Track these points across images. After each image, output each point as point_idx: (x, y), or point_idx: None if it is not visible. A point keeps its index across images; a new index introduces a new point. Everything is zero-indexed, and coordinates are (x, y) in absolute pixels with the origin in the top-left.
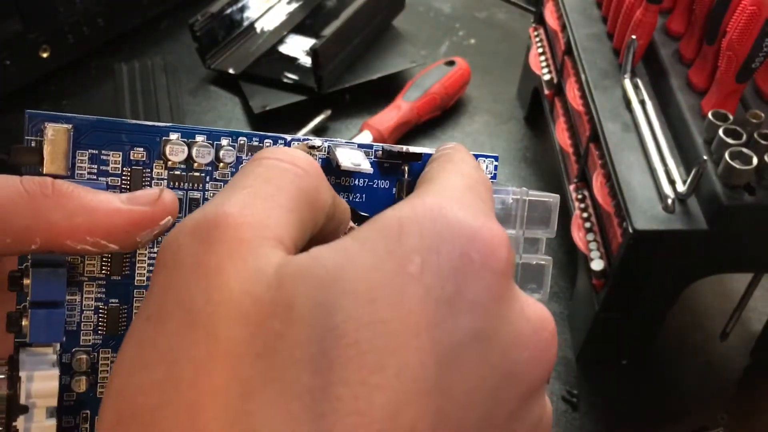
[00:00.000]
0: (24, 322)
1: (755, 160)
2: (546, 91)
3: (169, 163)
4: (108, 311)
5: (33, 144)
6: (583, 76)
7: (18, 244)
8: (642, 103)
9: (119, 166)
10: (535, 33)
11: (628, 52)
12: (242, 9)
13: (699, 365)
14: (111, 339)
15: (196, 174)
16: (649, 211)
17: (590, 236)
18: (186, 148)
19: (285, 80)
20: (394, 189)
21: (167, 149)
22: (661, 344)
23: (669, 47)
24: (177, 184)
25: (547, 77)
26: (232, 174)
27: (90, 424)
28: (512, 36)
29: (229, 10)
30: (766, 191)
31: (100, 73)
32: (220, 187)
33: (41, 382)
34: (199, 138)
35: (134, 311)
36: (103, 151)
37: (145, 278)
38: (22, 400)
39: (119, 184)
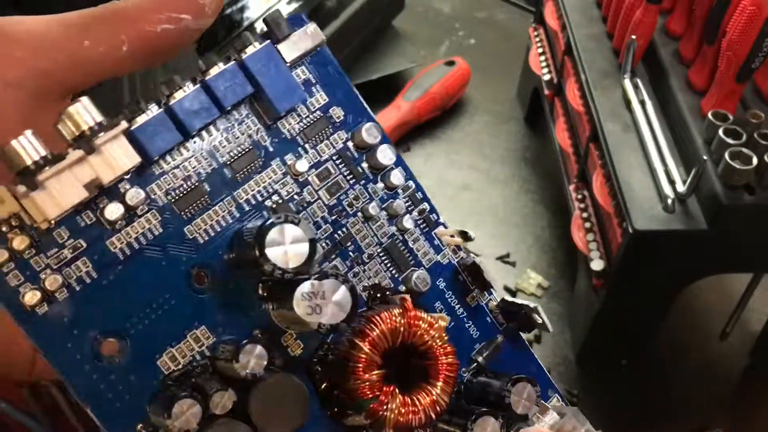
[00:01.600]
0: None
1: (755, 160)
2: (546, 91)
3: None
4: None
5: None
6: (583, 76)
7: (110, 50)
8: (642, 103)
9: None
10: (535, 33)
11: (627, 52)
12: (242, 9)
13: (699, 365)
14: None
15: None
16: (649, 211)
17: (590, 236)
18: None
19: None
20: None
21: None
22: (661, 344)
23: (669, 47)
24: None
25: (547, 77)
26: None
27: None
28: (512, 36)
29: (229, 10)
30: (765, 191)
31: None
32: None
33: None
34: None
35: None
36: None
37: None
38: None
39: None
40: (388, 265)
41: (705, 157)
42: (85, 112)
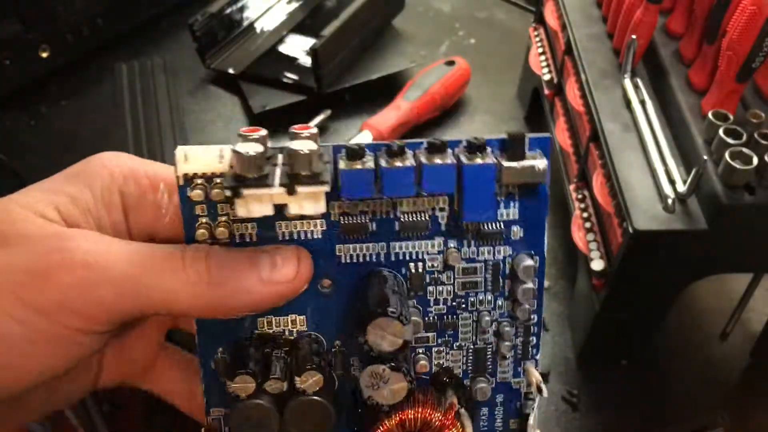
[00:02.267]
0: None
1: (755, 160)
2: (546, 91)
3: None
4: None
5: None
6: (583, 76)
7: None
8: (642, 103)
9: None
10: (535, 33)
11: (628, 51)
12: (242, 9)
13: (699, 365)
14: None
15: None
16: (649, 211)
17: (590, 236)
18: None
19: (285, 80)
20: None
21: None
22: (661, 344)
23: (669, 47)
24: None
25: (547, 77)
26: None
27: None
28: (512, 36)
29: (228, 10)
30: (766, 191)
31: (99, 73)
32: None
33: None
34: None
35: None
36: None
37: None
38: None
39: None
40: (469, 361)
41: (705, 157)
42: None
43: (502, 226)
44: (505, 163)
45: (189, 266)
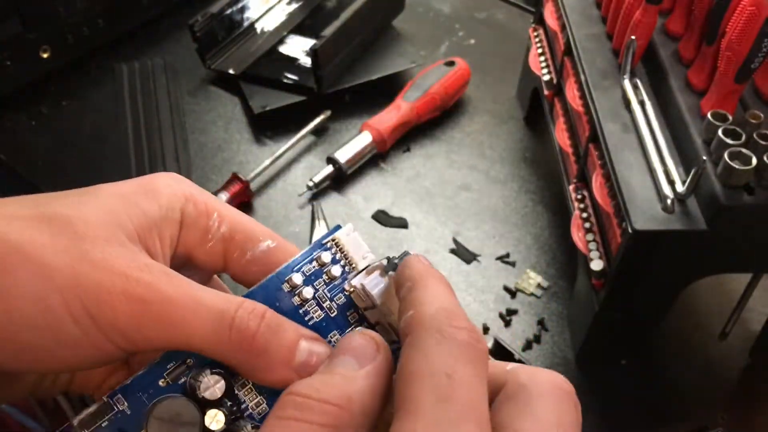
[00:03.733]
0: None
1: (754, 161)
2: (545, 92)
3: None
4: None
5: None
6: (582, 77)
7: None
8: (641, 103)
9: None
10: (535, 33)
11: (627, 52)
12: (242, 9)
13: (698, 365)
14: None
15: None
16: (649, 212)
17: (590, 236)
18: None
19: (285, 80)
20: None
21: None
22: (661, 344)
23: (668, 48)
24: None
25: (546, 77)
26: None
27: None
28: (512, 36)
29: (229, 11)
30: (765, 191)
31: (100, 73)
32: None
33: None
34: None
35: None
36: None
37: None
38: None
39: None
40: None
41: (704, 158)
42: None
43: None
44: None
45: (236, 330)
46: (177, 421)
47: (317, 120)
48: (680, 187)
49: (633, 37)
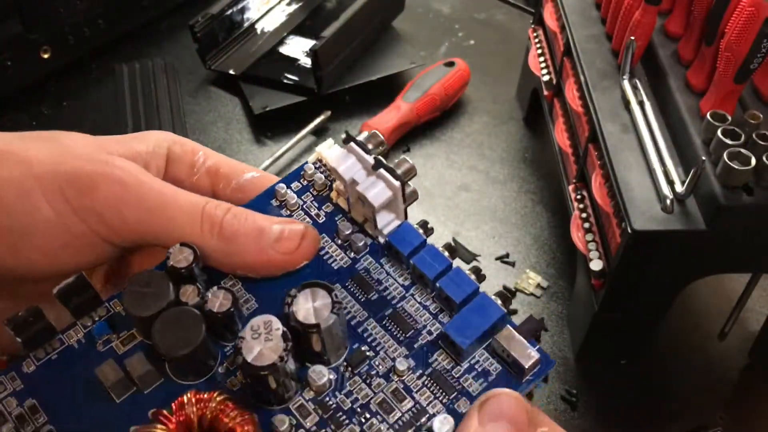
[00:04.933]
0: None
1: (753, 161)
2: (545, 92)
3: None
4: None
5: None
6: (582, 77)
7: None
8: (641, 103)
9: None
10: (534, 34)
11: (626, 53)
12: (242, 10)
13: (698, 365)
14: None
15: None
16: (648, 212)
17: (589, 236)
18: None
19: (285, 81)
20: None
21: None
22: (660, 344)
23: (668, 48)
24: None
25: (546, 78)
26: None
27: None
28: (511, 37)
29: (229, 11)
30: (764, 191)
31: (100, 74)
32: None
33: None
34: None
35: None
36: None
37: None
38: None
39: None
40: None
41: (704, 158)
42: None
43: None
44: (504, 333)
45: (206, 217)
46: (147, 288)
47: (317, 120)
48: (679, 188)
49: (632, 38)
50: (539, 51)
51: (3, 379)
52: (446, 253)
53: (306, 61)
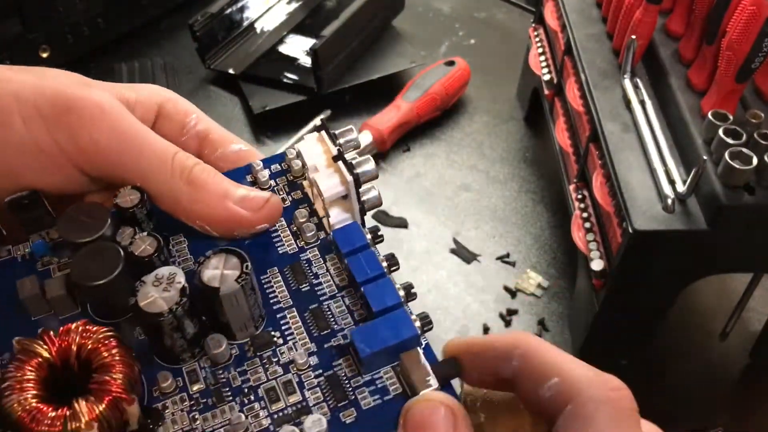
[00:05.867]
0: None
1: (755, 160)
2: (546, 91)
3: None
4: None
5: None
6: (582, 76)
7: (153, 199)
8: (642, 103)
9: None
10: (535, 33)
11: (627, 52)
12: (242, 9)
13: (699, 365)
14: None
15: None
16: (649, 211)
17: (590, 236)
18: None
19: (285, 80)
20: None
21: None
22: (661, 344)
23: (669, 47)
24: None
25: (546, 77)
26: None
27: None
28: (512, 36)
29: (228, 11)
30: (765, 191)
31: (100, 74)
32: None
33: None
34: None
35: None
36: None
37: None
38: None
39: None
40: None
41: (705, 157)
42: None
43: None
44: (412, 354)
45: (177, 162)
46: (86, 218)
47: (317, 120)
48: (681, 187)
49: (633, 37)
50: (540, 50)
51: None
52: (385, 265)
53: (306, 61)
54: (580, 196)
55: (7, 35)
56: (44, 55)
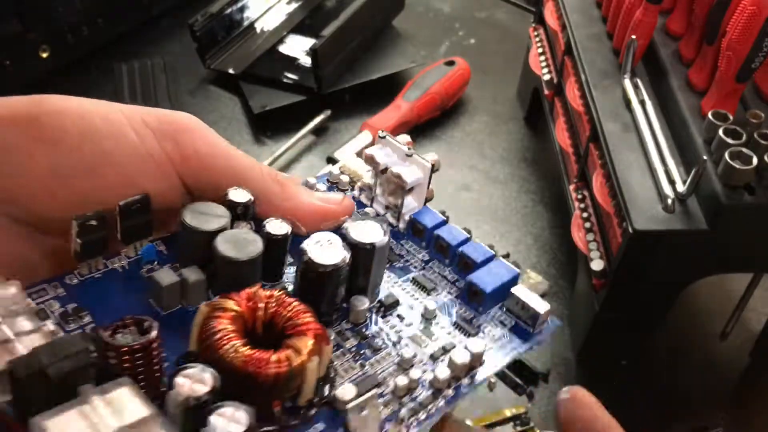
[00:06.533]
0: None
1: (755, 160)
2: (546, 91)
3: None
4: None
5: None
6: (582, 76)
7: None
8: (642, 103)
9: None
10: (535, 33)
11: (628, 52)
12: (242, 9)
13: (698, 365)
14: None
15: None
16: (649, 211)
17: (590, 236)
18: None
19: (285, 80)
20: None
21: None
22: (661, 344)
23: (669, 47)
24: None
25: (546, 77)
26: None
27: None
28: (512, 36)
29: (228, 10)
30: (765, 191)
31: (99, 73)
32: None
33: None
34: None
35: None
36: None
37: None
38: None
39: None
40: None
41: (705, 157)
42: None
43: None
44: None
45: (264, 166)
46: (206, 211)
47: (317, 119)
48: (681, 187)
49: (633, 37)
50: (540, 50)
51: (46, 286)
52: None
53: (306, 60)
54: (580, 196)
55: (7, 35)
56: (44, 55)
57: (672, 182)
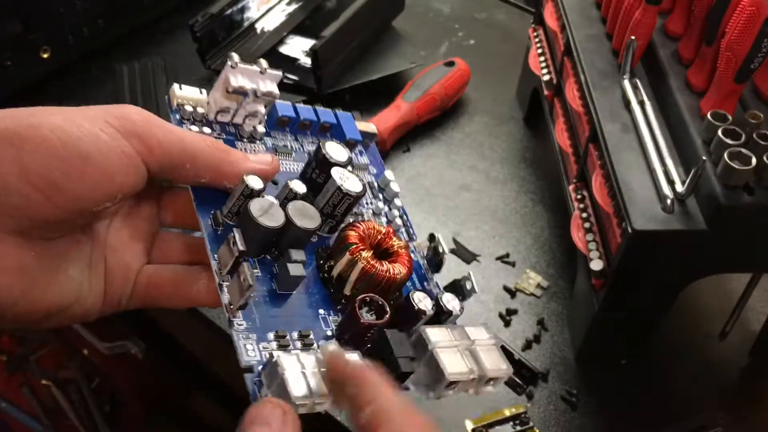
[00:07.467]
0: None
1: (754, 161)
2: (545, 92)
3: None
4: None
5: None
6: (582, 77)
7: (195, 177)
8: (641, 103)
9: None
10: (535, 34)
11: (627, 52)
12: (242, 10)
13: (698, 365)
14: None
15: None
16: (649, 212)
17: (590, 236)
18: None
19: (285, 81)
20: None
21: None
22: (661, 344)
23: (668, 48)
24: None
25: (546, 78)
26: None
27: None
28: (512, 37)
29: (229, 11)
30: (764, 191)
31: (100, 74)
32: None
33: None
34: None
35: None
36: None
37: None
38: None
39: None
40: None
41: (704, 158)
42: None
43: None
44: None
45: (206, 137)
46: (266, 209)
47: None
48: (680, 187)
49: (633, 38)
50: (539, 51)
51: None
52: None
53: (306, 61)
54: (579, 197)
55: (7, 35)
56: (44, 55)
57: (671, 182)
